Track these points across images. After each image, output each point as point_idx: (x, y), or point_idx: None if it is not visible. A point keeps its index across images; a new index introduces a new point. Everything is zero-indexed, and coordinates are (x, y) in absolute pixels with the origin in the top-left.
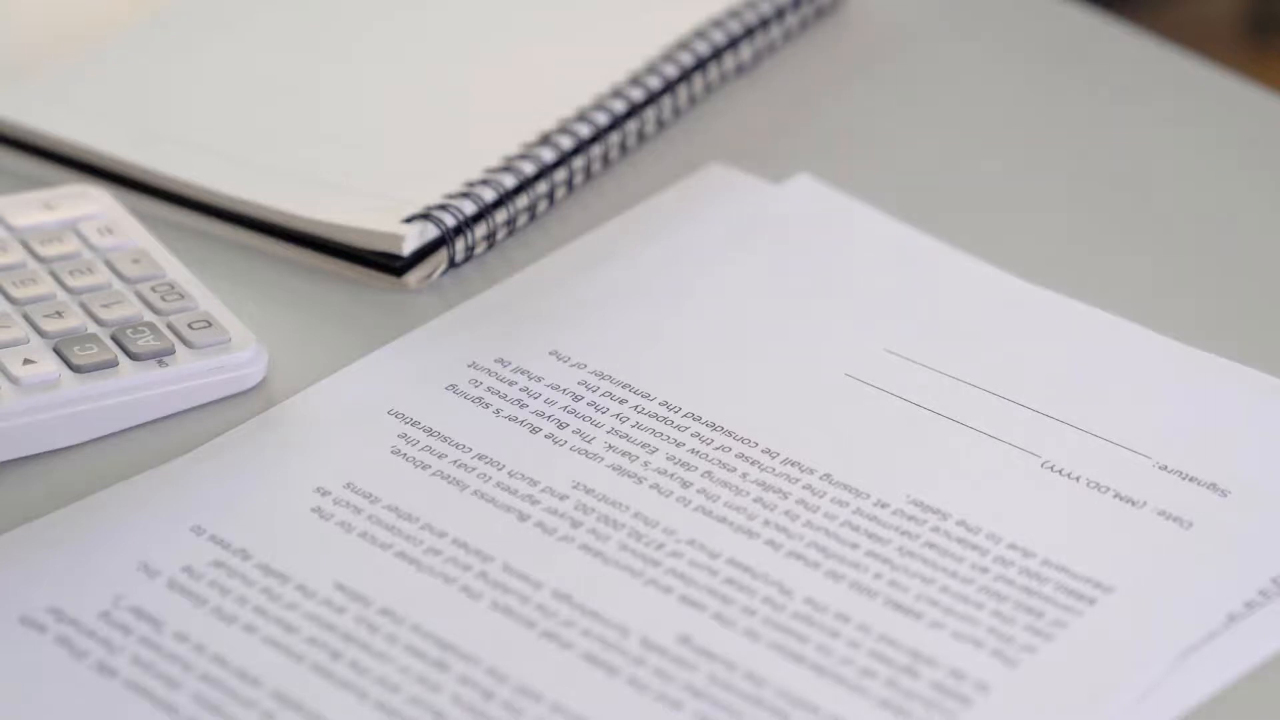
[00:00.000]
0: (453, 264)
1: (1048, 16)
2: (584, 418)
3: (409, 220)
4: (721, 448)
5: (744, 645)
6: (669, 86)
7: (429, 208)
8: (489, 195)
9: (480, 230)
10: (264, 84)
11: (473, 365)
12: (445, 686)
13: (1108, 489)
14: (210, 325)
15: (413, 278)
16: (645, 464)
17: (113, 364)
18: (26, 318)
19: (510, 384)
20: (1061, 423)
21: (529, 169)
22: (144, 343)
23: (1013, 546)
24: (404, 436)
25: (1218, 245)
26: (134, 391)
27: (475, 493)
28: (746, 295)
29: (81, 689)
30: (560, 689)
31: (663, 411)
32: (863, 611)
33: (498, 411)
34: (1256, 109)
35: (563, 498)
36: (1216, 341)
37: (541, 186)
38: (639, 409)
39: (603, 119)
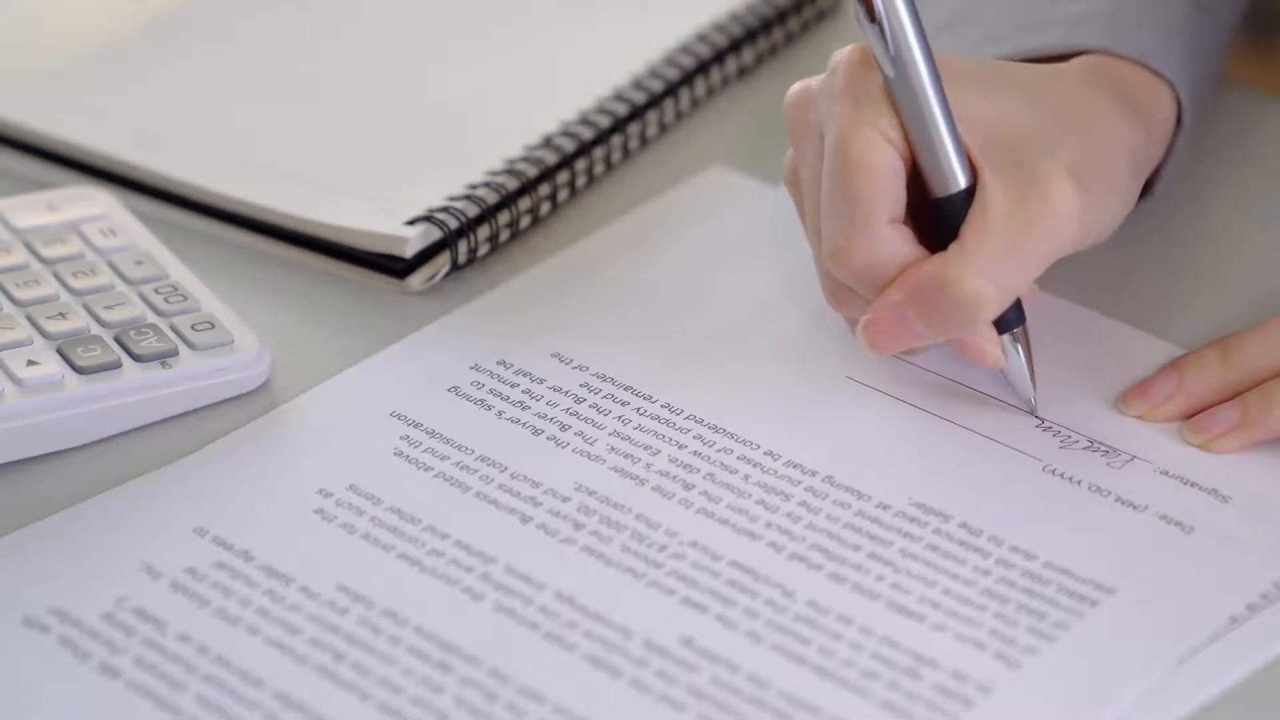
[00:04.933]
0: (455, 266)
1: None
2: (586, 420)
3: (412, 222)
4: (724, 450)
5: (746, 647)
6: (670, 89)
7: (431, 210)
8: (491, 198)
9: (483, 233)
10: (266, 86)
11: (475, 367)
12: (448, 688)
13: (1109, 493)
14: (213, 327)
15: (415, 280)
16: (647, 466)
17: (116, 365)
18: (30, 319)
19: (513, 386)
20: (1063, 426)
21: (531, 171)
22: (147, 344)
23: (1015, 549)
24: (406, 438)
25: (1217, 247)
26: (137, 393)
27: (478, 494)
28: (748, 297)
29: (85, 690)
30: (563, 691)
31: (665, 414)
32: (865, 614)
33: (500, 413)
34: (1256, 109)
35: (565, 500)
36: None
37: (544, 189)
38: (641, 411)
39: (605, 122)
